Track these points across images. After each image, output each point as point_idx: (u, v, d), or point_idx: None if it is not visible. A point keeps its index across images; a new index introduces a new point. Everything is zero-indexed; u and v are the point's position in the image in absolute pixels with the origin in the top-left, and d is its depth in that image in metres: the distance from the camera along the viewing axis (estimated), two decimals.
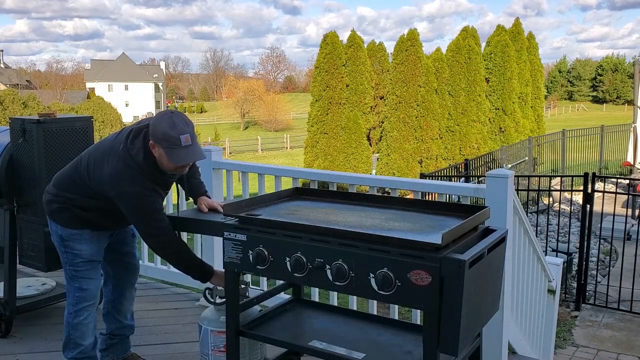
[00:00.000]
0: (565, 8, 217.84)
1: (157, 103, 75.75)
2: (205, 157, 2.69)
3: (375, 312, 3.35)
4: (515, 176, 5.26)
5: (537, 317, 4.39)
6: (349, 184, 3.61)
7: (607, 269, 8.37)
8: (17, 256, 3.61)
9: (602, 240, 9.65)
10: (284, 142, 41.61)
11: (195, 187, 2.87)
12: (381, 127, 20.74)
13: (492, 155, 15.67)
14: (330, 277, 2.08)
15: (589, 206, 6.93)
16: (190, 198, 2.97)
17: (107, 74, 73.90)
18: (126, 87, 74.17)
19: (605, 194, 7.29)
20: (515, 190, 4.59)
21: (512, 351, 3.71)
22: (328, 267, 2.08)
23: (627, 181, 11.58)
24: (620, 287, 6.93)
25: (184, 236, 4.19)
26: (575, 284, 7.41)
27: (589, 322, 6.74)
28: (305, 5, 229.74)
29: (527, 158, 16.99)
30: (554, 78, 73.03)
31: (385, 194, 2.84)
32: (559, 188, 12.40)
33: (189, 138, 2.46)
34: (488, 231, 2.22)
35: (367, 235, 2.04)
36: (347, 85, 20.27)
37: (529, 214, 9.96)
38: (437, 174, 13.42)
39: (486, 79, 21.57)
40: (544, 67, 26.22)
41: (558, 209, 11.86)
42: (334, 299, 3.70)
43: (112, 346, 3.13)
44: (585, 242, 7.07)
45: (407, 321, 2.67)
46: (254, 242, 2.25)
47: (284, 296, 3.08)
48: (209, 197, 2.84)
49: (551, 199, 12.92)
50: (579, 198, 10.56)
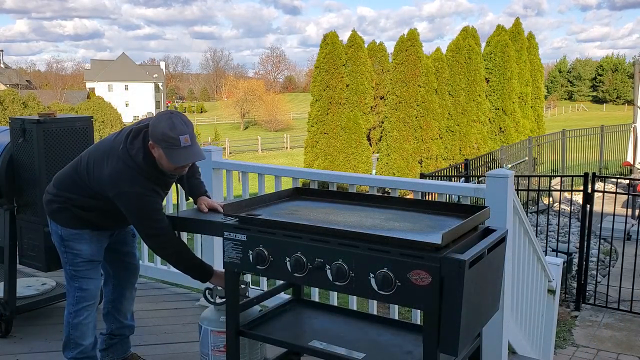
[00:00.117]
0: (565, 8, 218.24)
1: (157, 103, 75.74)
2: (205, 158, 2.69)
3: (375, 312, 3.35)
4: (515, 176, 5.26)
5: (537, 317, 4.39)
6: (349, 184, 3.61)
7: (607, 269, 8.37)
8: (17, 256, 3.61)
9: (602, 240, 9.65)
10: (284, 142, 41.60)
11: (195, 187, 2.87)
12: (381, 127, 20.73)
13: (492, 155, 15.66)
14: (330, 277, 2.08)
15: (589, 206, 6.93)
16: (190, 198, 2.97)
17: (107, 74, 73.89)
18: (126, 87, 74.16)
19: (605, 194, 7.29)
20: (515, 190, 4.59)
21: (512, 351, 3.71)
22: (328, 267, 2.08)
23: (627, 181, 11.58)
24: (620, 287, 6.93)
25: (184, 236, 4.20)
26: (575, 284, 7.41)
27: (589, 322, 6.74)
28: (305, 5, 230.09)
29: (527, 158, 16.99)
30: (554, 78, 73.04)
31: (385, 194, 2.84)
32: (559, 188, 12.40)
33: (189, 138, 2.46)
34: (488, 231, 2.22)
35: (367, 235, 2.04)
36: (347, 85, 20.26)
37: (529, 214, 9.96)
38: (437, 174, 13.41)
39: (486, 79, 21.56)
40: (544, 67, 26.21)
41: (558, 209, 11.86)
42: (334, 299, 3.70)
43: (112, 346, 3.13)
44: (585, 242, 7.07)
45: (407, 321, 2.67)
46: (254, 242, 2.25)
47: (284, 296, 3.08)
48: (209, 197, 2.84)
49: (551, 199, 12.92)
50: (579, 198, 10.56)
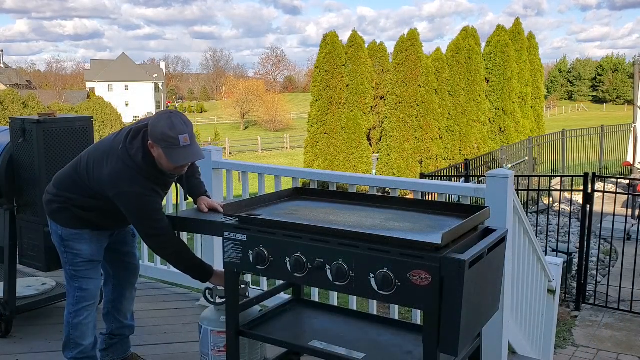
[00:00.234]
0: (565, 8, 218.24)
1: (157, 103, 75.73)
2: (204, 157, 2.69)
3: (375, 312, 3.35)
4: (515, 176, 5.26)
5: (537, 317, 4.39)
6: (349, 184, 3.61)
7: (607, 269, 8.37)
8: (17, 256, 3.61)
9: (602, 240, 9.65)
10: (284, 142, 41.60)
11: (195, 187, 2.87)
12: (381, 127, 20.73)
13: (492, 155, 15.66)
14: (330, 277, 2.08)
15: (589, 206, 6.93)
16: (190, 198, 2.97)
17: (107, 74, 73.89)
18: (126, 87, 74.16)
19: (605, 194, 7.29)
20: (515, 190, 4.59)
21: (512, 351, 3.71)
22: (328, 267, 2.08)
23: (627, 181, 11.58)
24: (620, 287, 6.93)
25: (184, 236, 4.19)
26: (575, 284, 7.41)
27: (589, 322, 6.74)
28: (305, 5, 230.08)
29: (527, 158, 16.99)
30: (554, 78, 73.03)
31: (385, 194, 2.84)
32: (559, 188, 12.40)
33: (188, 138, 2.46)
34: (488, 231, 2.22)
35: (367, 235, 2.04)
36: (347, 85, 20.26)
37: (529, 214, 9.96)
38: (437, 174, 13.41)
39: (486, 79, 21.56)
40: (544, 67, 26.21)
41: (558, 209, 11.86)
42: (334, 299, 3.70)
43: (112, 346, 3.13)
44: (585, 242, 7.07)
45: (407, 321, 2.67)
46: (254, 242, 2.25)
47: (284, 296, 3.08)
48: (208, 197, 2.84)
49: (551, 199, 12.92)
50: (579, 198, 10.56)
